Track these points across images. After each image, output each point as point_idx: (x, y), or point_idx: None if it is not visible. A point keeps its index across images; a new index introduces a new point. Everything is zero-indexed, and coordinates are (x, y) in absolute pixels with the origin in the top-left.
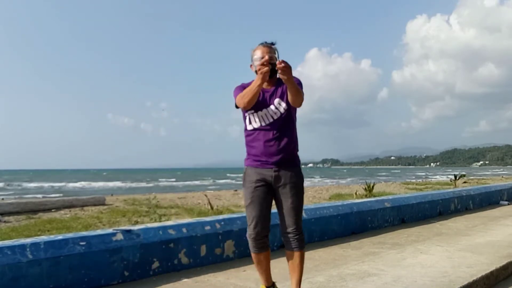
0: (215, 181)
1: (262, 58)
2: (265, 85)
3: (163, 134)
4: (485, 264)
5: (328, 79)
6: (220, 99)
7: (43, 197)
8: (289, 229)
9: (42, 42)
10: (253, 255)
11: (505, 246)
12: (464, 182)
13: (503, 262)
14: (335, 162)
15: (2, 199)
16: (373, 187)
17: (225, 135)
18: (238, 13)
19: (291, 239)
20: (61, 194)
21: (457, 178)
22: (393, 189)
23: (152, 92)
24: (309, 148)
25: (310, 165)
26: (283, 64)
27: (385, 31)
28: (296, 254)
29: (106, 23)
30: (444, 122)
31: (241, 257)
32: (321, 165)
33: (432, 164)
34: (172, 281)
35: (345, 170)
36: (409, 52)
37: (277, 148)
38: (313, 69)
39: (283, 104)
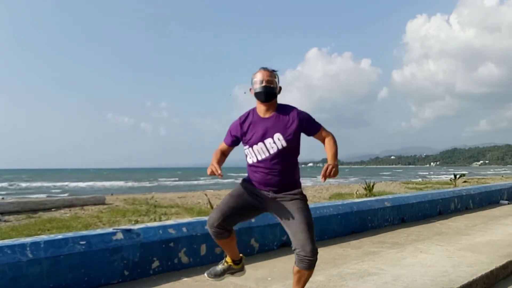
0: (215, 181)
1: (262, 81)
2: (263, 113)
3: (163, 133)
4: (485, 264)
5: (328, 79)
6: (220, 99)
7: (48, 196)
8: (307, 249)
9: (42, 43)
10: (214, 240)
11: (505, 245)
12: (464, 182)
13: (503, 261)
14: None
15: (2, 198)
16: (373, 186)
17: (224, 135)
18: (238, 14)
19: (306, 261)
20: (61, 194)
21: (458, 177)
22: (393, 188)
23: (152, 92)
24: (309, 147)
25: (310, 164)
26: (329, 173)
27: (385, 31)
28: (307, 274)
29: (106, 24)
30: (444, 121)
31: None
32: (321, 165)
33: (432, 163)
34: (172, 280)
35: (347, 170)
36: (409, 51)
37: (275, 180)
38: (313, 68)
39: (283, 141)
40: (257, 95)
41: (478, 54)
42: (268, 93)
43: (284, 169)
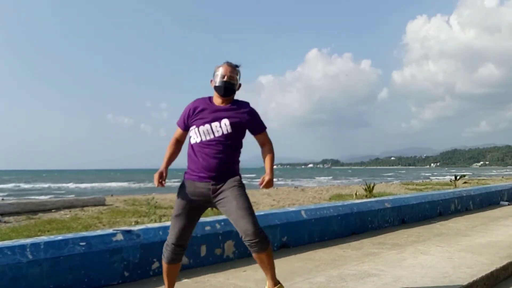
0: None
1: (224, 76)
2: (219, 102)
3: (163, 134)
4: (485, 265)
5: (328, 80)
6: None
7: (48, 197)
8: (248, 232)
9: (43, 43)
10: (164, 265)
11: (506, 246)
12: (464, 183)
13: (504, 262)
14: (335, 162)
15: (2, 199)
16: (373, 187)
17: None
18: (238, 14)
19: (253, 244)
20: (61, 195)
21: (459, 178)
22: (393, 189)
23: (152, 92)
24: (309, 148)
25: (310, 165)
26: (265, 186)
27: (385, 32)
28: (263, 256)
29: (106, 24)
30: (444, 122)
31: (241, 257)
32: (321, 166)
33: (432, 164)
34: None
35: (350, 171)
36: (409, 52)
37: (215, 164)
38: (313, 69)
39: (228, 126)
40: (216, 88)
41: (478, 55)
42: (228, 89)
43: (226, 156)
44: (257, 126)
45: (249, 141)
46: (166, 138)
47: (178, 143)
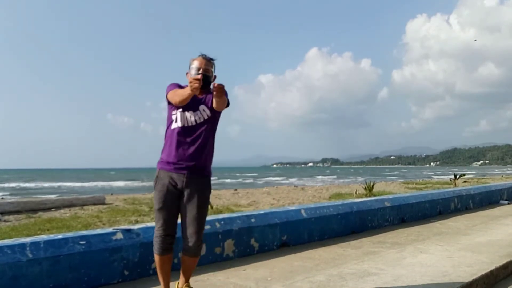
0: (215, 181)
1: (199, 69)
2: (197, 94)
3: (163, 133)
4: (485, 264)
5: (328, 79)
6: None
7: (53, 196)
8: (191, 240)
9: (43, 43)
10: (157, 257)
11: (505, 245)
12: (464, 182)
13: (503, 261)
14: (335, 161)
15: (2, 198)
16: (373, 186)
17: (224, 135)
18: (238, 14)
19: (191, 249)
20: (61, 193)
21: (458, 177)
22: (393, 188)
23: (152, 92)
24: (309, 147)
25: (310, 164)
26: (218, 86)
27: (385, 31)
28: (193, 260)
29: (106, 24)
30: (444, 121)
31: (241, 256)
32: (321, 165)
33: (432, 163)
34: (172, 280)
35: (352, 170)
36: (409, 51)
37: (192, 152)
38: (313, 69)
39: (207, 111)
40: None
41: (478, 54)
42: (204, 82)
43: (203, 145)
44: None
45: (251, 140)
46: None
47: None
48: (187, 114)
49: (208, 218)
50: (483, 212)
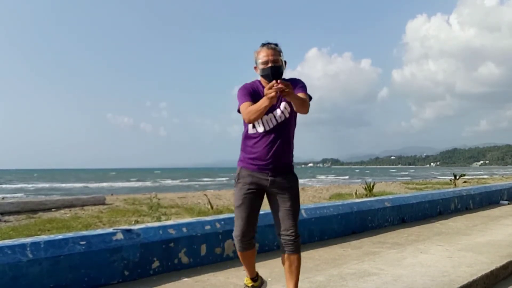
0: (215, 181)
1: (267, 62)
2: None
3: (163, 134)
4: (485, 264)
5: (328, 79)
6: (219, 99)
7: (53, 197)
8: (288, 232)
9: (43, 43)
10: (239, 253)
11: (505, 245)
12: (464, 182)
13: (503, 261)
14: (335, 161)
15: (3, 198)
16: (373, 186)
17: (224, 135)
18: (238, 13)
19: (289, 242)
20: (62, 193)
21: (458, 177)
22: (393, 188)
23: (152, 91)
24: (309, 147)
25: (310, 164)
26: (282, 88)
27: (385, 31)
28: (294, 258)
29: (106, 23)
30: (444, 121)
31: None
32: (321, 165)
33: (432, 163)
34: (172, 281)
35: (357, 170)
36: (409, 51)
37: (277, 152)
38: (313, 68)
39: (289, 109)
40: (264, 76)
41: (478, 54)
42: (276, 73)
43: (286, 142)
44: (300, 89)
45: None
46: (165, 137)
47: None
48: (267, 117)
49: (208, 218)
50: (483, 212)
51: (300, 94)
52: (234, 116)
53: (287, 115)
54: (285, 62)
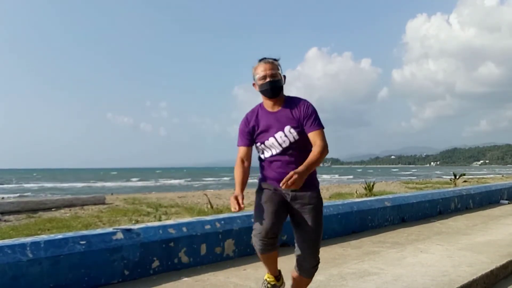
0: (215, 180)
1: (265, 77)
2: (271, 107)
3: (163, 134)
4: (485, 263)
5: (328, 79)
6: (219, 100)
7: (53, 196)
8: (307, 259)
9: (42, 43)
10: (260, 255)
11: (506, 245)
12: (464, 181)
13: (503, 261)
14: (335, 161)
15: (3, 198)
16: (373, 186)
17: (224, 135)
18: (238, 14)
19: (304, 269)
20: (62, 193)
21: (458, 177)
22: (393, 188)
23: (152, 91)
24: None
25: None
26: (290, 183)
27: (385, 30)
28: (305, 280)
29: (106, 24)
30: (444, 121)
31: (241, 256)
32: (321, 164)
33: (432, 163)
34: (172, 280)
35: (359, 170)
36: (409, 51)
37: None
38: (313, 68)
39: (294, 133)
40: (263, 92)
41: (478, 54)
42: (274, 88)
43: (299, 162)
44: (311, 124)
45: None
46: (165, 137)
47: (244, 163)
48: (270, 142)
49: (208, 218)
50: (483, 211)
51: (312, 134)
52: (234, 116)
53: (292, 140)
54: (284, 76)
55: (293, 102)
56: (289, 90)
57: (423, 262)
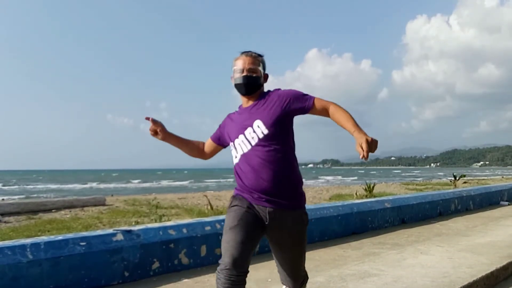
0: (215, 182)
1: (243, 70)
2: (245, 103)
3: None
4: (485, 265)
5: (328, 80)
6: (219, 100)
7: (53, 197)
8: (291, 281)
9: (42, 44)
10: None
11: (506, 246)
12: (464, 183)
13: (504, 262)
14: (335, 162)
15: (3, 199)
16: (373, 187)
17: None
18: (238, 14)
19: (292, 285)
20: (62, 194)
21: (458, 178)
22: (393, 189)
23: (152, 92)
24: (309, 148)
25: (310, 165)
26: (367, 154)
27: (385, 32)
28: None
29: (106, 25)
30: (444, 122)
31: None
32: (321, 166)
33: (432, 164)
34: (173, 282)
35: (362, 171)
36: (409, 52)
37: (266, 179)
38: (313, 69)
39: (263, 128)
40: (237, 86)
41: (478, 55)
42: (249, 85)
43: (275, 166)
44: (302, 104)
45: None
46: None
47: (203, 147)
48: (240, 140)
49: (208, 219)
50: (483, 213)
51: (315, 104)
52: None
53: (260, 135)
54: (267, 75)
55: (266, 94)
56: None
57: (423, 263)
